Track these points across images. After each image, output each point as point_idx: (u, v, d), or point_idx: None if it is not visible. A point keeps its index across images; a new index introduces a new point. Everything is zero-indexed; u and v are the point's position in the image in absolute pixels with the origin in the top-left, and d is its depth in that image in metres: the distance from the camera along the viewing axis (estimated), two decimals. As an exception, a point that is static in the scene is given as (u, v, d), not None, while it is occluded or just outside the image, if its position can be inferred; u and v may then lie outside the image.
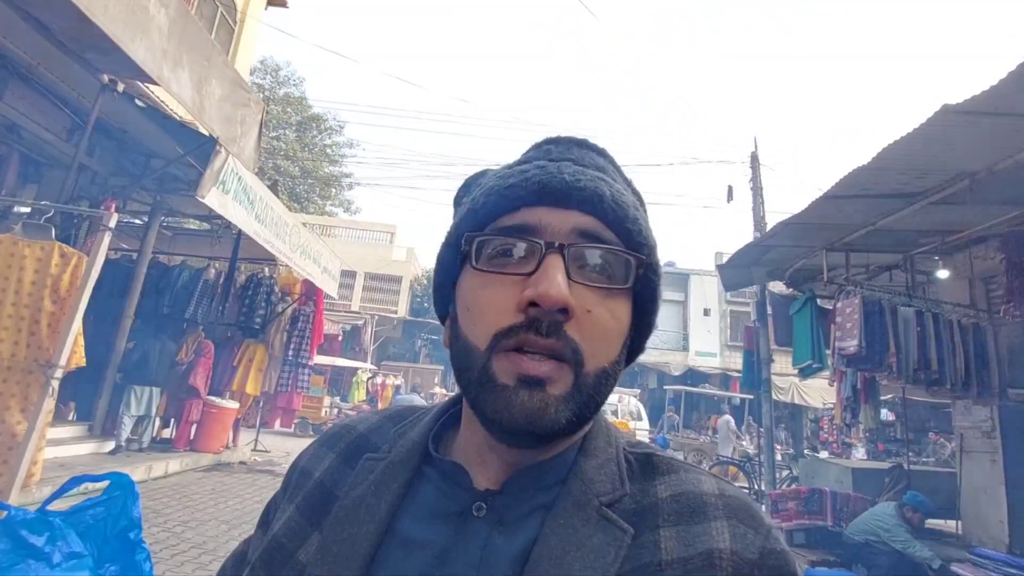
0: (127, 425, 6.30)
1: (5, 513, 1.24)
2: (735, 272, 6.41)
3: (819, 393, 15.13)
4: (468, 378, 0.43)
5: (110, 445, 6.35)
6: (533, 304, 0.40)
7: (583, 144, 0.52)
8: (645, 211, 0.52)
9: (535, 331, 0.40)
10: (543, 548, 0.40)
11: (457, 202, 0.56)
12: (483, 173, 0.56)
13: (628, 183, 0.53)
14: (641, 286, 0.47)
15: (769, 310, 6.99)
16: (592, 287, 0.43)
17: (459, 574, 0.41)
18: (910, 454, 7.19)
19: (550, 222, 0.44)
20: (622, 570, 0.40)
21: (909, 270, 5.16)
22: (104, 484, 1.52)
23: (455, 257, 0.48)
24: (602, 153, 0.52)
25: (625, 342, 0.46)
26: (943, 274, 5.22)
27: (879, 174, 3.71)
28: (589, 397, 0.42)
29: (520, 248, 0.44)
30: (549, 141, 0.53)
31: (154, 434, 6.84)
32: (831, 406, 12.75)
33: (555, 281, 0.40)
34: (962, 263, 5.26)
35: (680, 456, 0.54)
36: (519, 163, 0.51)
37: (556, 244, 0.42)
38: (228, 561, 0.57)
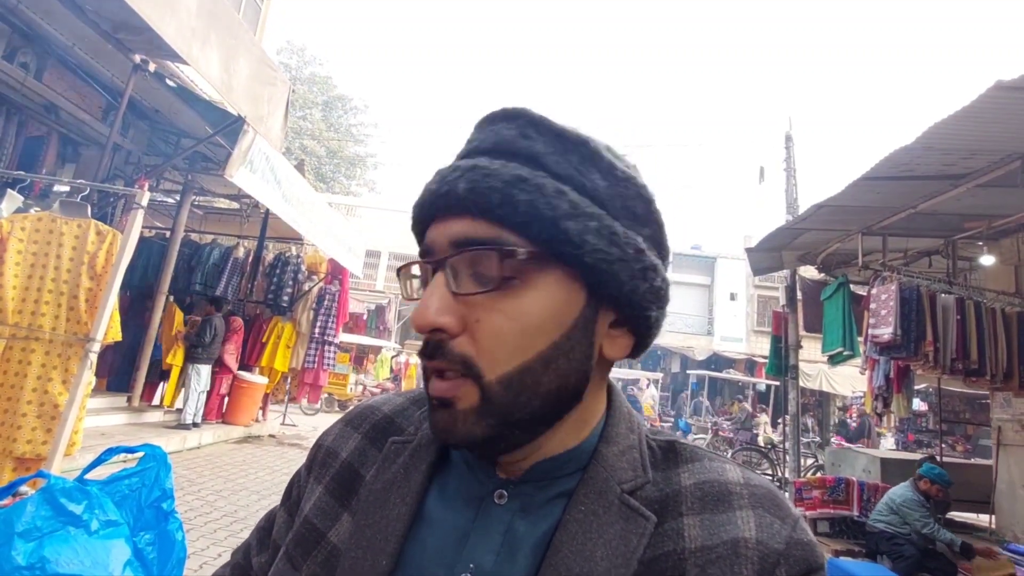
0: (192, 401, 6.54)
1: (45, 481, 1.30)
2: (764, 256, 6.24)
3: (848, 381, 14.80)
4: None
5: (148, 415, 6.63)
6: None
7: (508, 117, 0.45)
8: (596, 173, 0.43)
9: (425, 354, 0.42)
10: (564, 535, 0.40)
11: None
12: None
13: (569, 147, 0.43)
14: (574, 263, 0.40)
15: (799, 295, 6.81)
16: (478, 295, 0.40)
17: (479, 558, 0.41)
18: (943, 445, 6.99)
19: (435, 238, 0.43)
20: (644, 557, 0.39)
21: (950, 256, 4.94)
22: (139, 455, 1.58)
23: None
24: (533, 122, 0.43)
25: (562, 338, 0.41)
26: (988, 260, 4.99)
27: (922, 154, 3.53)
28: (506, 406, 0.40)
29: (424, 272, 0.45)
30: (479, 124, 0.47)
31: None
32: (860, 394, 12.47)
33: (423, 305, 0.41)
34: (1009, 249, 5.01)
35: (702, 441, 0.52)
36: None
37: (438, 260, 0.42)
38: (252, 537, 0.58)
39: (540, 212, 0.39)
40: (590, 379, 0.43)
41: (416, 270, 0.47)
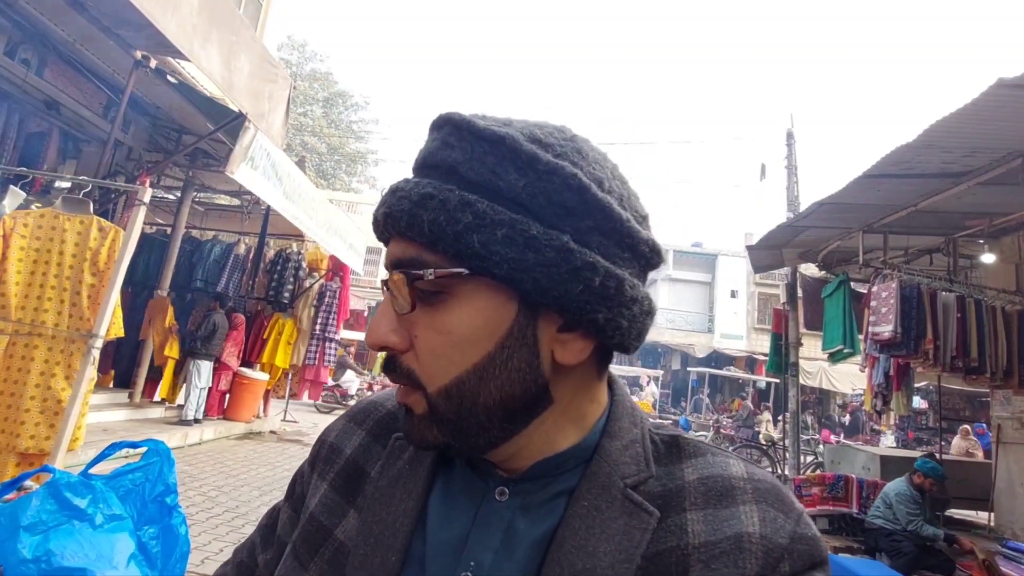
0: (194, 398, 6.55)
1: (50, 476, 1.31)
2: (765, 253, 6.24)
3: (848, 378, 14.83)
4: None
5: (149, 411, 6.65)
6: None
7: (437, 125, 0.44)
8: (513, 172, 0.40)
9: (383, 368, 0.45)
10: (567, 530, 0.40)
11: None
12: None
13: (486, 148, 0.40)
14: (487, 274, 0.39)
15: (800, 293, 6.81)
16: (414, 313, 0.41)
17: (479, 556, 0.41)
18: (943, 443, 7.00)
19: (386, 259, 0.44)
20: (648, 553, 0.40)
21: (951, 254, 4.94)
22: (142, 450, 1.59)
23: None
24: (457, 129, 0.42)
25: (497, 349, 0.40)
26: (988, 258, 4.99)
27: (924, 152, 3.53)
28: (451, 415, 0.41)
29: None
30: (429, 129, 0.45)
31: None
32: (860, 392, 12.48)
33: (372, 324, 0.43)
34: (1010, 247, 5.01)
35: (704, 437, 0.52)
36: None
37: (384, 281, 0.44)
38: (256, 535, 0.58)
39: (443, 228, 0.39)
40: (547, 385, 0.42)
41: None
